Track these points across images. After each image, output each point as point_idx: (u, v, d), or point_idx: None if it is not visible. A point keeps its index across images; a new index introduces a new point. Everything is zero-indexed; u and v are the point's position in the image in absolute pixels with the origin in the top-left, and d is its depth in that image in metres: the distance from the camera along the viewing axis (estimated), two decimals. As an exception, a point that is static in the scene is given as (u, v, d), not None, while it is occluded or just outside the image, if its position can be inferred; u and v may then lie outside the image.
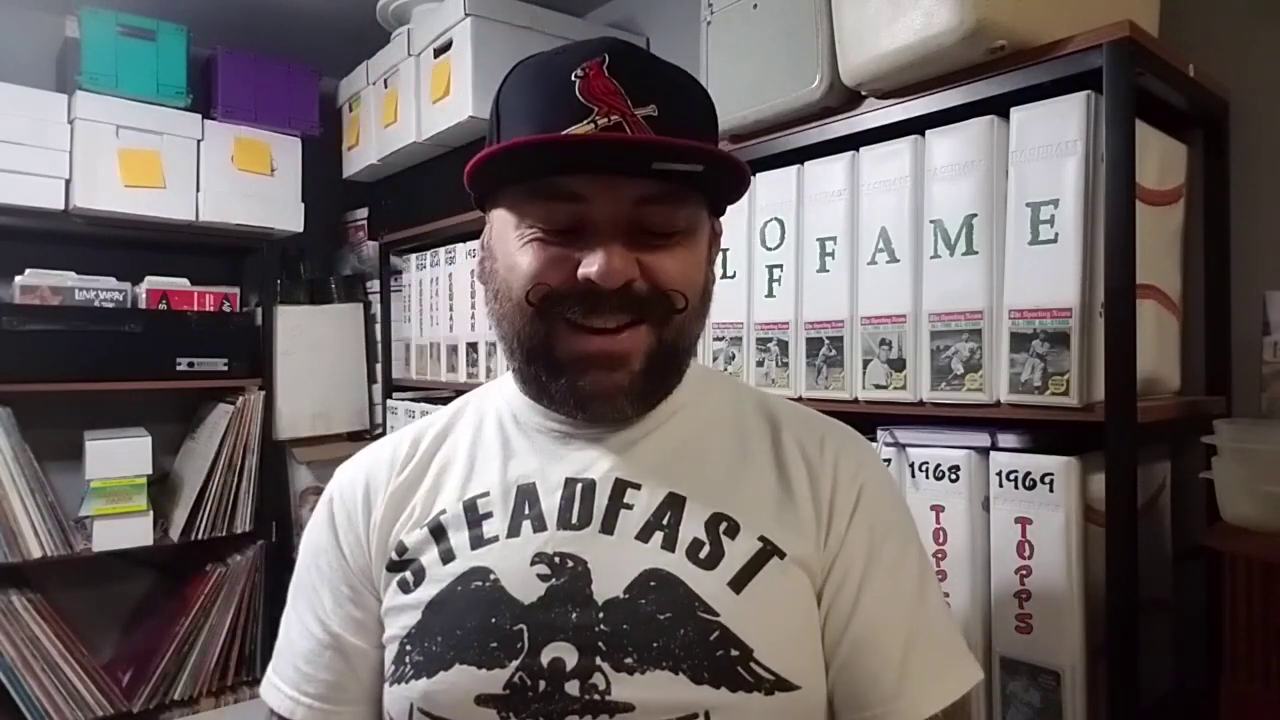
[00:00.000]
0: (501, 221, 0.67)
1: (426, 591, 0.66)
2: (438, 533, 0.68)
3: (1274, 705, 0.83)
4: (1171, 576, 1.11)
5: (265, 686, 0.74)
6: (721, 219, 0.75)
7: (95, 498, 1.89)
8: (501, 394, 0.77)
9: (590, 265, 0.61)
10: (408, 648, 0.65)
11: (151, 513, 1.96)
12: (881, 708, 0.64)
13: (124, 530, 1.92)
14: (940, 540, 1.04)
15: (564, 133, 0.60)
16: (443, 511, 0.69)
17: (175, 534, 2.01)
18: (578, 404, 0.67)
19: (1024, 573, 0.97)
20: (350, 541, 0.73)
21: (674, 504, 0.66)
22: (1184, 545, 1.11)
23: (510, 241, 0.65)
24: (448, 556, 0.67)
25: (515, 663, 0.61)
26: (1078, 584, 0.93)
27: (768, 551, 0.65)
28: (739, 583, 0.63)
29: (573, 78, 0.62)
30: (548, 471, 0.69)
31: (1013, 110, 0.99)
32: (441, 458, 0.74)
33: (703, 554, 0.64)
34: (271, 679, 0.74)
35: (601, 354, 0.64)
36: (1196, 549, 1.01)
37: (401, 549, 0.69)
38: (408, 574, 0.68)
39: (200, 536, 2.02)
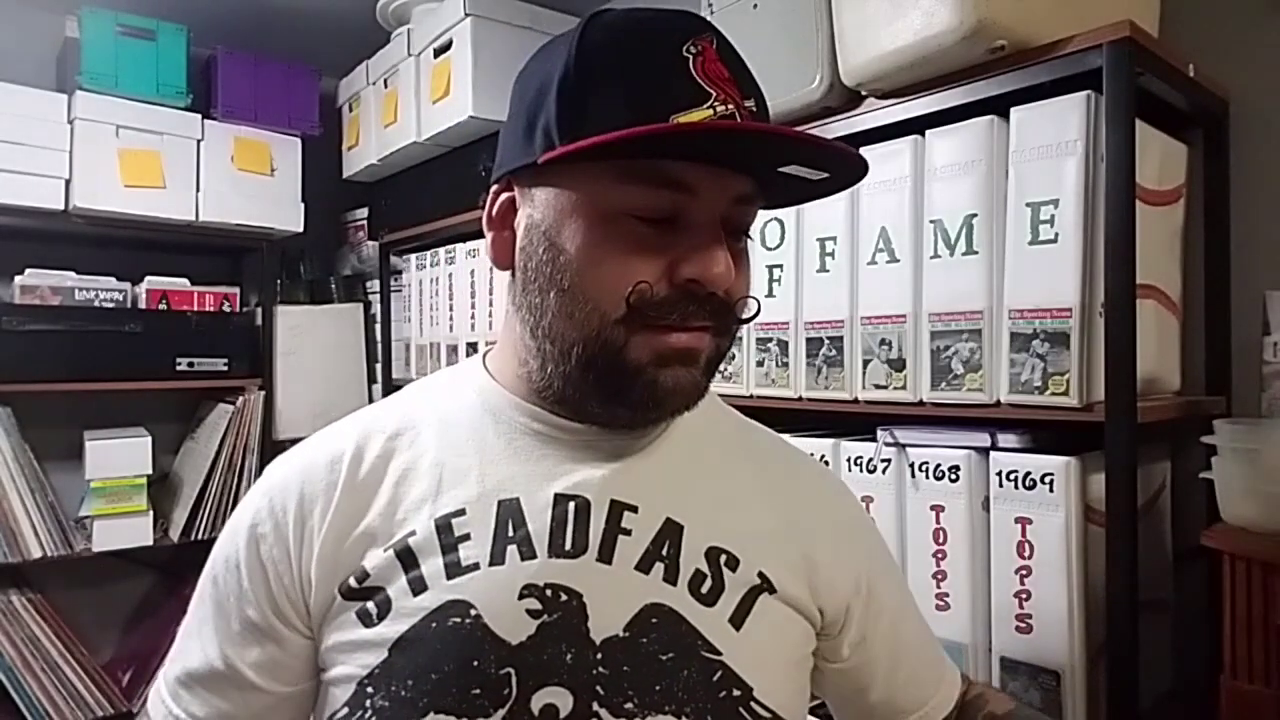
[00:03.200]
0: (567, 203, 0.57)
1: (393, 628, 0.56)
2: (405, 557, 0.58)
3: (1274, 705, 0.83)
4: (1171, 576, 1.11)
5: (154, 695, 0.64)
6: None
7: (95, 498, 1.89)
8: (472, 386, 0.67)
9: (698, 266, 0.55)
10: (369, 690, 0.56)
11: (151, 513, 1.96)
12: (933, 703, 0.73)
13: (124, 530, 1.92)
14: (940, 540, 1.04)
15: (692, 121, 0.53)
16: (411, 533, 0.59)
17: (175, 534, 2.01)
18: (655, 402, 0.59)
19: (1024, 573, 0.97)
20: (277, 558, 0.60)
21: (672, 531, 0.61)
22: (1184, 545, 1.11)
23: (592, 230, 0.56)
24: (418, 586, 0.57)
25: (502, 711, 0.53)
26: (1078, 584, 0.93)
27: (761, 587, 0.62)
28: (738, 619, 0.60)
29: (685, 53, 0.55)
30: (532, 483, 0.61)
31: (1013, 110, 0.99)
32: (399, 464, 0.62)
33: (705, 588, 0.60)
34: (160, 689, 0.63)
35: (684, 349, 0.57)
36: (1196, 549, 1.01)
37: (363, 575, 0.58)
38: (370, 605, 0.58)
39: (200, 536, 2.02)
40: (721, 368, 1.33)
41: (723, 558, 0.62)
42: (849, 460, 1.16)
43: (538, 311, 0.59)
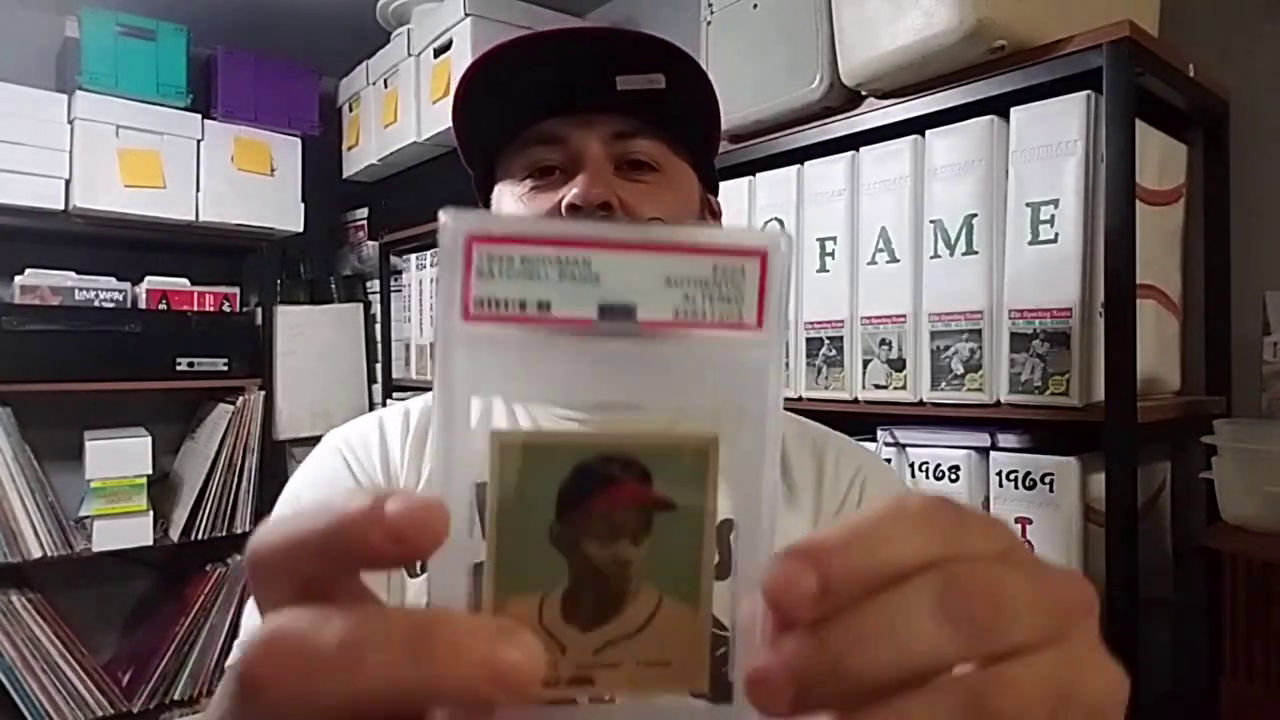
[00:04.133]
0: (499, 193, 0.69)
1: None
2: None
3: (1274, 705, 0.83)
4: (1171, 576, 1.11)
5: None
6: (719, 199, 0.76)
7: (95, 498, 1.89)
8: None
9: (574, 191, 0.62)
10: None
11: (151, 513, 1.96)
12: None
13: (124, 530, 1.92)
14: (940, 540, 1.04)
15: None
16: None
17: (175, 534, 2.01)
18: None
19: (1024, 573, 0.97)
20: (370, 474, 0.65)
21: None
22: (1184, 545, 1.11)
23: (507, 202, 0.68)
24: None
25: None
26: (1078, 584, 0.93)
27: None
28: None
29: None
30: None
31: (1013, 110, 0.99)
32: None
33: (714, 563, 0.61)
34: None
35: None
36: (1196, 549, 1.01)
37: None
38: None
39: (200, 536, 2.02)
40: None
41: (732, 534, 0.61)
42: (849, 460, 1.16)
43: None
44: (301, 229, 2.15)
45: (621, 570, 0.22)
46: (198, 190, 1.99)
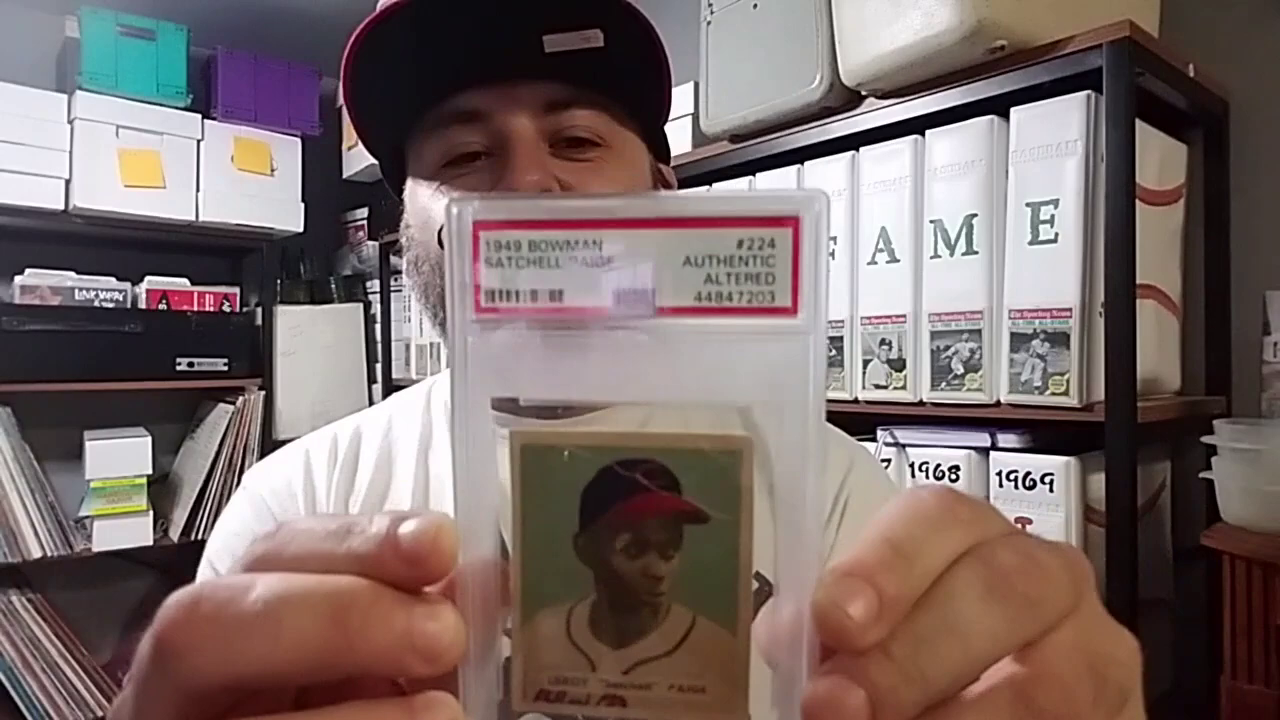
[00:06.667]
0: (411, 191, 0.58)
1: None
2: None
3: (1273, 705, 0.83)
4: (1171, 576, 1.11)
5: None
6: (670, 167, 0.67)
7: (95, 498, 1.89)
8: (433, 386, 0.66)
9: (507, 178, 0.52)
10: None
11: (151, 513, 1.96)
12: None
13: (124, 530, 1.92)
14: (940, 540, 1.04)
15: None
16: None
17: (175, 534, 2.01)
18: None
19: (1024, 573, 0.97)
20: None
21: None
22: (1184, 545, 1.11)
23: (419, 196, 0.56)
24: None
25: None
26: (1078, 584, 0.93)
27: (765, 592, 0.56)
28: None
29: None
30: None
31: (1013, 110, 0.99)
32: (379, 463, 0.60)
33: None
34: None
35: None
36: (1196, 549, 1.01)
37: None
38: None
39: (200, 536, 2.02)
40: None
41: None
42: (849, 460, 1.16)
43: (419, 293, 0.58)
44: (301, 229, 2.16)
45: (651, 585, 0.20)
46: (198, 190, 1.99)
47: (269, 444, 2.14)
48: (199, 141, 2.00)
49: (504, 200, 0.20)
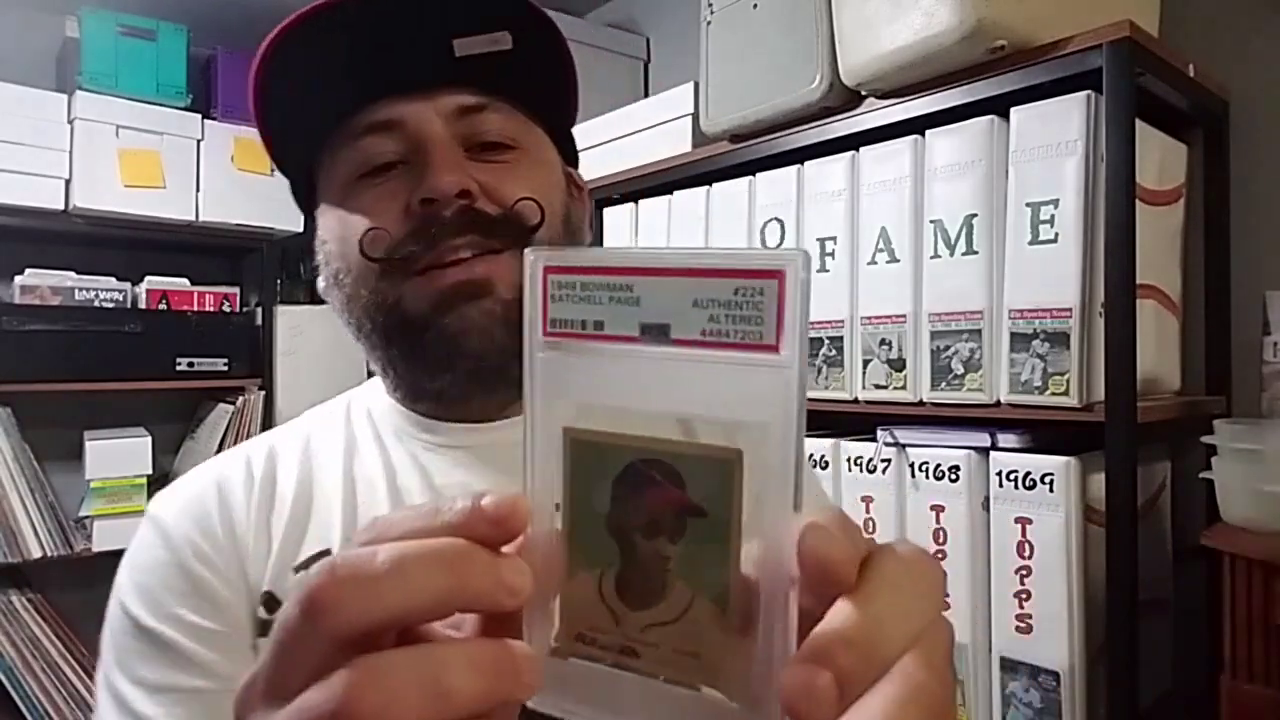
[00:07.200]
0: (326, 209, 0.58)
1: None
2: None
3: (1273, 705, 0.83)
4: (1171, 576, 1.11)
5: None
6: (580, 172, 0.67)
7: (95, 498, 1.89)
8: (352, 401, 0.66)
9: (424, 184, 0.52)
10: None
11: (151, 513, 1.96)
12: None
13: (124, 530, 1.91)
14: (940, 540, 1.04)
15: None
16: (325, 550, 0.53)
17: (175, 534, 2.01)
18: (451, 352, 0.53)
19: (1024, 573, 0.97)
20: (217, 565, 0.53)
21: None
22: (1184, 545, 1.11)
23: (334, 210, 0.56)
24: None
25: None
26: (1078, 584, 0.93)
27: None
28: None
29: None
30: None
31: (1013, 110, 0.99)
32: (301, 477, 0.57)
33: None
34: None
35: (460, 284, 0.52)
36: (1196, 549, 1.01)
37: (271, 602, 0.51)
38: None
39: (200, 536, 2.02)
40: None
41: None
42: (849, 460, 1.16)
43: (340, 307, 0.58)
44: (301, 229, 2.14)
45: (662, 563, 0.25)
46: (198, 190, 1.99)
47: (269, 444, 2.13)
48: (199, 141, 2.00)
49: (564, 251, 0.26)
